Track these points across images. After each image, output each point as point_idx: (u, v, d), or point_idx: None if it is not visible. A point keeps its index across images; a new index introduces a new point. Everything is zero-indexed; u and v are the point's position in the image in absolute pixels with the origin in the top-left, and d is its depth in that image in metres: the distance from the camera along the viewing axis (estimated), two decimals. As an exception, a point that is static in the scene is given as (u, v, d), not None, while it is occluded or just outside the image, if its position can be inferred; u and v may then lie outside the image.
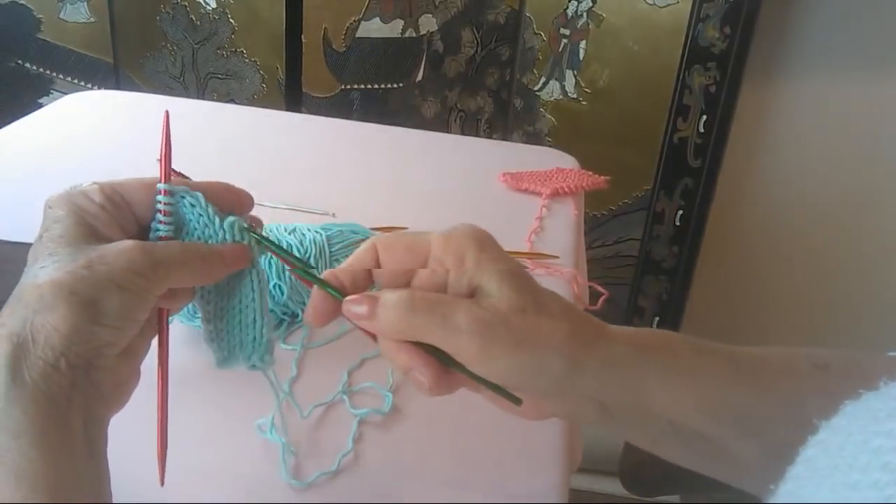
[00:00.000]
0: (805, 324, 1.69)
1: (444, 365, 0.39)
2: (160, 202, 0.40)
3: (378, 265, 0.40)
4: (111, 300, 0.36)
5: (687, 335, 0.43)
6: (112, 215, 0.39)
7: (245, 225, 0.42)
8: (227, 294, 0.43)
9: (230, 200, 0.43)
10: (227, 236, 0.41)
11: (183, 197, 0.41)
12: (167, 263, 0.38)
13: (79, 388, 0.35)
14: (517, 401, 0.40)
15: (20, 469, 0.32)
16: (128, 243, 0.38)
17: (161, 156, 0.41)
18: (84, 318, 0.35)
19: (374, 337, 0.40)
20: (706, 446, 0.42)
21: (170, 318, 0.43)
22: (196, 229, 0.41)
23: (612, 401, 0.41)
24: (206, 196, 0.41)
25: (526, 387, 0.40)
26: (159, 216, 0.40)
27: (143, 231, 0.41)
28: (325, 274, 0.40)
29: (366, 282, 0.41)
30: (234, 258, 0.42)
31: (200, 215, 0.41)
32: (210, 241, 0.41)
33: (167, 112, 0.42)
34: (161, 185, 0.40)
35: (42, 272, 0.36)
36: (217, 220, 0.41)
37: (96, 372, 0.37)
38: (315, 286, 0.40)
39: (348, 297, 0.39)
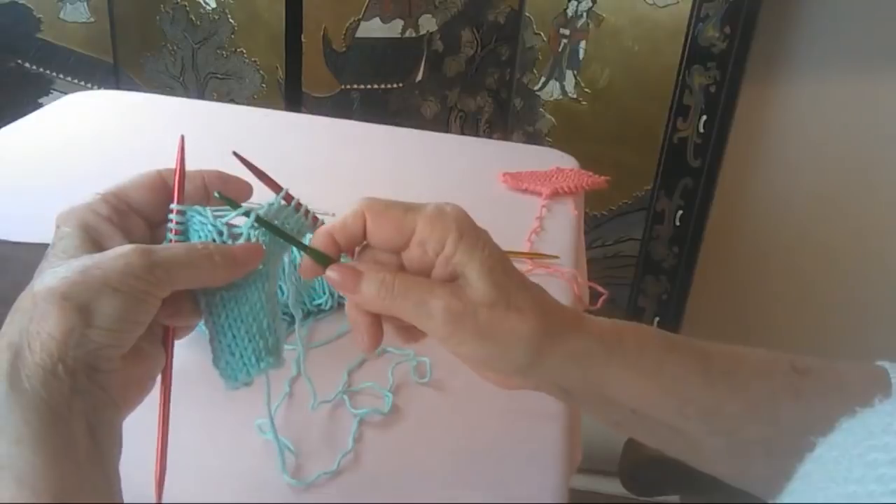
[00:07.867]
0: (806, 323, 1.69)
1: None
2: (171, 220, 0.42)
3: (365, 229, 0.42)
4: (105, 303, 0.36)
5: (665, 331, 0.44)
6: (119, 225, 0.40)
7: (255, 222, 0.42)
8: (237, 303, 0.42)
9: (228, 190, 0.43)
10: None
11: (192, 216, 0.42)
12: (168, 264, 0.38)
13: (80, 392, 0.35)
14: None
15: (22, 474, 0.33)
16: (126, 247, 0.38)
17: (175, 177, 0.43)
18: (77, 323, 0.35)
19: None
20: (671, 436, 0.43)
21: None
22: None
23: (573, 387, 0.43)
24: (208, 186, 0.43)
25: (490, 367, 0.43)
26: (170, 235, 0.42)
27: (153, 230, 0.42)
28: (319, 231, 0.42)
29: (359, 237, 0.42)
30: (247, 257, 0.41)
31: (209, 231, 0.42)
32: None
33: (182, 137, 0.44)
34: (174, 206, 0.42)
35: (38, 283, 0.36)
36: (226, 231, 0.42)
37: (100, 375, 0.36)
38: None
39: (333, 265, 0.41)
